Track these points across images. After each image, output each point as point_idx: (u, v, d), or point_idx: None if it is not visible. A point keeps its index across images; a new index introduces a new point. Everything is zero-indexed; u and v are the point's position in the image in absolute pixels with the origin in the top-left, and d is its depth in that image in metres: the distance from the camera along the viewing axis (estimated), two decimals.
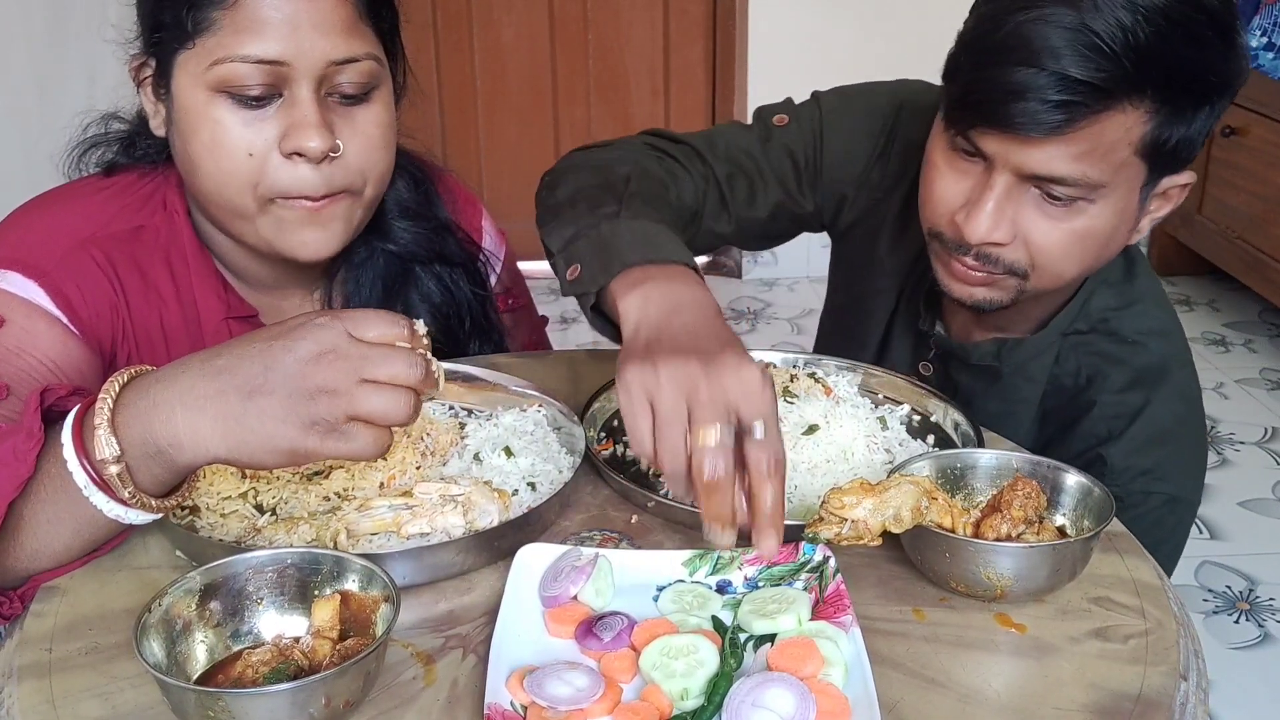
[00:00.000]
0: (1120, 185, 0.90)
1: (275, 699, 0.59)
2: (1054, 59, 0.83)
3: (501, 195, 1.14)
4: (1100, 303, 1.03)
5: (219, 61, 0.88)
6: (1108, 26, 0.82)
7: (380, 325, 0.70)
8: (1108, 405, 1.00)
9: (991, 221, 0.90)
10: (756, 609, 0.71)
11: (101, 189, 1.01)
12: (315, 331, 0.68)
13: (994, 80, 0.86)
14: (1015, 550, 0.72)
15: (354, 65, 0.91)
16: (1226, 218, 2.94)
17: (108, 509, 0.71)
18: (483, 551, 0.78)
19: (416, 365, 0.69)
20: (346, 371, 0.67)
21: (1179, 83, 0.85)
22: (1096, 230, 0.91)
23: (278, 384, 0.67)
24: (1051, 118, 0.84)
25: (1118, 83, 0.84)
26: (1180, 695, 0.67)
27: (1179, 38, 0.84)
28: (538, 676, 0.64)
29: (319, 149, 0.89)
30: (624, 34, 3.20)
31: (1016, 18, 0.85)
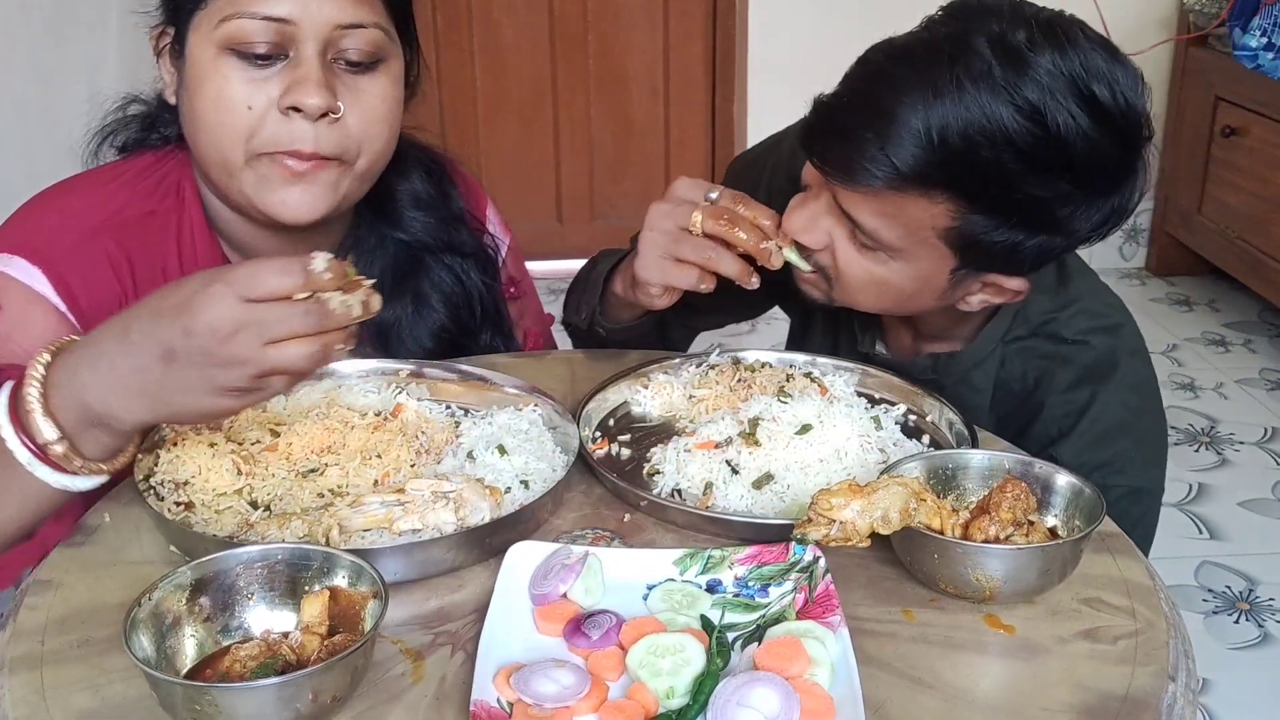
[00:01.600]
0: (921, 259, 0.92)
1: (262, 694, 0.60)
2: (883, 126, 0.85)
3: (501, 195, 1.14)
4: (1038, 307, 1.04)
5: (228, 18, 0.90)
6: (941, 120, 0.83)
7: (272, 280, 0.70)
8: (1056, 405, 1.01)
9: (804, 223, 0.95)
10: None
11: (115, 176, 1.02)
12: (211, 306, 0.70)
13: (834, 119, 0.90)
14: (1003, 552, 0.72)
15: (360, 31, 0.92)
16: (1226, 218, 2.93)
17: (54, 480, 0.76)
18: (474, 548, 0.78)
19: (311, 315, 0.71)
20: (249, 342, 0.70)
21: (998, 205, 0.86)
22: (893, 283, 0.95)
23: (188, 359, 0.71)
24: (860, 174, 0.87)
25: (922, 174, 0.85)
26: (1168, 696, 0.67)
27: (1012, 159, 0.83)
28: (524, 674, 0.65)
29: (317, 106, 0.90)
30: (624, 34, 3.20)
31: (880, 67, 0.88)
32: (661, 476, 0.90)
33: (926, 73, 0.84)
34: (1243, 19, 2.76)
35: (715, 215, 0.95)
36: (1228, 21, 2.81)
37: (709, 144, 3.32)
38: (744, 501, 0.86)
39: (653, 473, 0.91)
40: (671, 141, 3.32)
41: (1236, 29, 2.77)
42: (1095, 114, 0.83)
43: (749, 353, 1.07)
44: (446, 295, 1.10)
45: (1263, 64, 2.69)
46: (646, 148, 3.32)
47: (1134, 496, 0.98)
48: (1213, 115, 2.94)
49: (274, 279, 0.70)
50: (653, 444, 0.95)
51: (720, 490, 0.87)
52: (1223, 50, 2.87)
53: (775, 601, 0.74)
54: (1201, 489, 2.27)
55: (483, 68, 3.18)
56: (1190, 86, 3.04)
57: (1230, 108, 2.87)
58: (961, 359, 1.05)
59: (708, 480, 0.88)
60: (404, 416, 0.94)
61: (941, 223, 0.88)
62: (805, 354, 1.07)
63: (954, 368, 1.05)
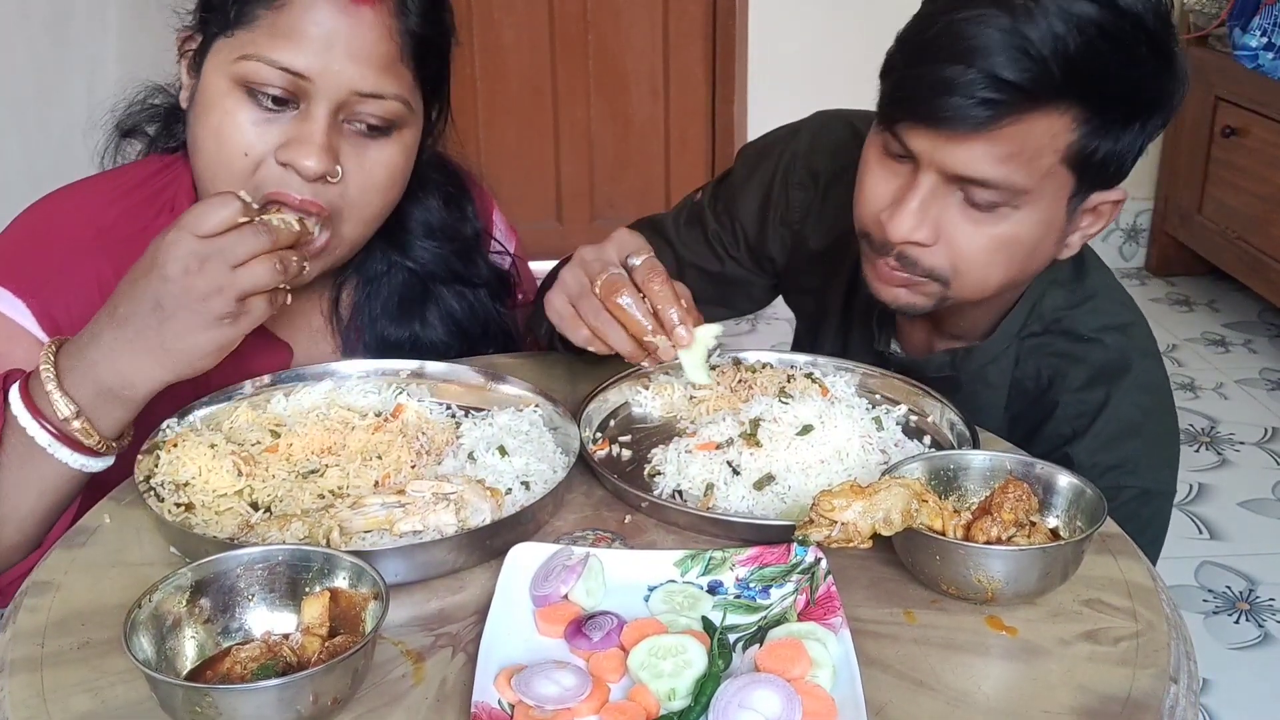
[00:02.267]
0: (1046, 194, 0.90)
1: (262, 695, 0.60)
2: (983, 57, 0.84)
3: (501, 195, 1.14)
4: (1052, 303, 1.03)
5: (246, 57, 0.89)
6: (1040, 32, 0.84)
7: (216, 214, 0.79)
8: (1069, 405, 1.00)
9: (914, 220, 0.91)
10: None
11: (111, 188, 1.01)
12: (172, 250, 0.78)
13: (924, 75, 0.87)
14: (1005, 553, 0.72)
15: (379, 102, 0.91)
16: (1226, 218, 2.94)
17: (73, 460, 0.82)
18: (475, 550, 0.78)
19: (261, 234, 0.80)
20: (218, 268, 0.78)
21: (1107, 95, 0.87)
22: (1020, 238, 0.92)
23: (174, 303, 0.78)
24: (977, 113, 0.85)
25: (1044, 86, 0.85)
26: (1170, 698, 0.67)
27: (1111, 51, 0.85)
28: (525, 675, 0.65)
29: (313, 169, 0.89)
30: (624, 34, 3.20)
31: (951, 16, 0.87)
32: (662, 477, 0.90)
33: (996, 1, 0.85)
34: (1243, 19, 2.76)
35: (611, 289, 0.88)
36: (1228, 21, 2.81)
37: (709, 144, 3.32)
38: (745, 503, 0.86)
39: (654, 474, 0.91)
40: (671, 141, 3.32)
41: (1236, 29, 2.77)
42: None
43: (749, 353, 1.07)
44: (457, 322, 1.10)
45: (1263, 64, 2.69)
46: (646, 148, 3.32)
47: (1144, 498, 0.98)
48: (1213, 115, 2.94)
49: (217, 211, 0.79)
50: (653, 445, 0.94)
51: (721, 491, 0.87)
52: (1223, 50, 2.87)
53: (777, 603, 0.74)
54: (1201, 489, 2.27)
55: (482, 68, 3.18)
56: (1190, 86, 3.04)
57: (1230, 108, 2.87)
58: (979, 354, 1.05)
59: (709, 481, 0.88)
60: (404, 417, 0.94)
61: (1063, 140, 0.87)
62: (806, 354, 1.07)
63: (971, 363, 1.05)
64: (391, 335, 1.07)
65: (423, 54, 0.94)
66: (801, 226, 1.17)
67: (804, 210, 1.17)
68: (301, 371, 0.99)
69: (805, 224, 1.17)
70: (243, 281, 0.79)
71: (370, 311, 1.07)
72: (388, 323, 1.07)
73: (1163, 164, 3.23)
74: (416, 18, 0.93)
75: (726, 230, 1.22)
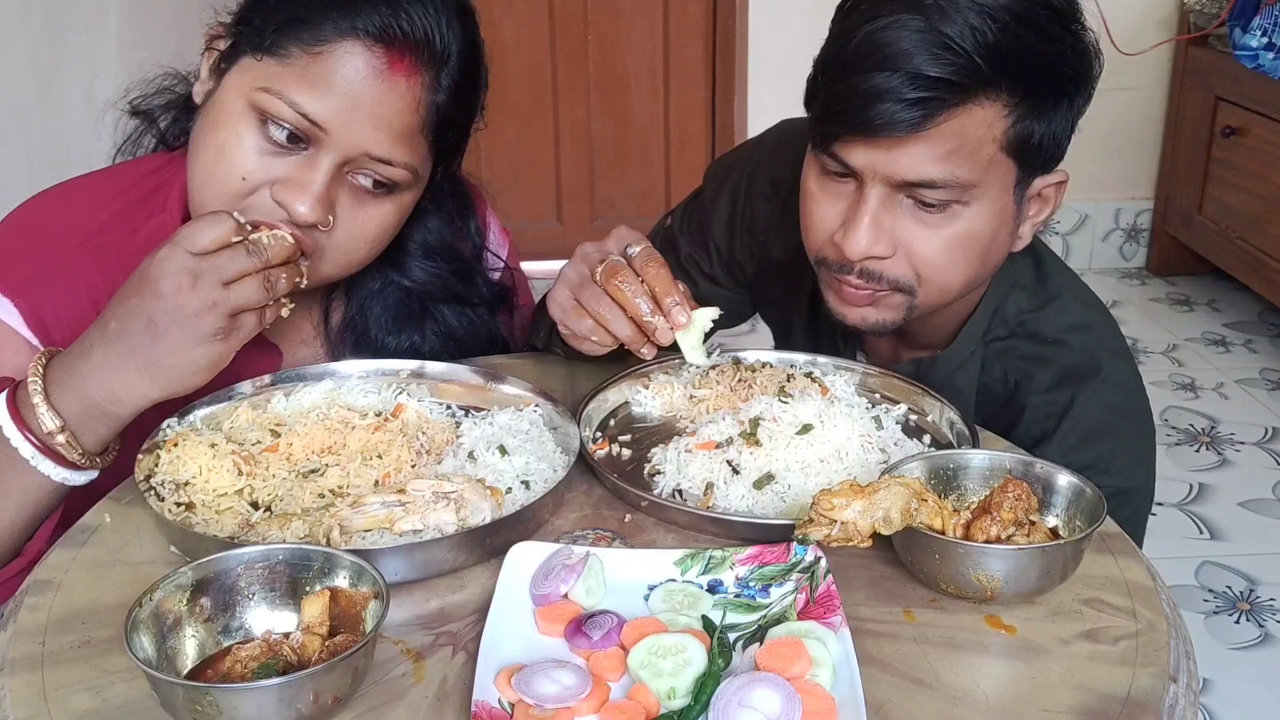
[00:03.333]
0: (992, 184, 0.91)
1: (263, 694, 0.60)
2: (906, 60, 0.86)
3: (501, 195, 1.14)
4: (1015, 306, 1.03)
5: (269, 90, 0.87)
6: (957, 27, 0.85)
7: (209, 232, 0.80)
8: (1037, 407, 1.00)
9: (870, 236, 0.92)
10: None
11: (100, 190, 1.00)
12: (165, 266, 0.79)
13: (851, 88, 0.88)
14: (1004, 552, 0.72)
15: (387, 167, 0.91)
16: (1226, 218, 2.94)
17: (55, 473, 0.82)
18: (475, 549, 0.78)
19: (254, 254, 0.81)
20: (209, 285, 0.79)
21: (1033, 75, 0.88)
22: (975, 233, 0.93)
23: (167, 319, 0.79)
24: (909, 115, 0.86)
25: (971, 77, 0.86)
26: (1169, 697, 0.67)
27: (1027, 32, 0.87)
28: (525, 674, 0.65)
29: (306, 218, 0.88)
30: (624, 34, 3.20)
31: (866, 28, 0.88)
32: (662, 477, 0.90)
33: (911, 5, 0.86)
34: (1243, 19, 2.76)
35: (611, 273, 0.90)
36: (1228, 21, 2.81)
37: (709, 144, 3.32)
38: (745, 502, 0.86)
39: (653, 473, 0.91)
40: (671, 141, 3.32)
41: (1236, 29, 2.77)
42: None
43: (749, 353, 1.07)
44: (458, 339, 1.09)
45: (1263, 64, 2.69)
46: (646, 148, 3.32)
47: (1121, 497, 0.98)
48: (1213, 115, 2.94)
49: (210, 230, 0.80)
50: (653, 444, 0.94)
51: (721, 490, 0.87)
52: (1223, 50, 2.87)
53: (776, 602, 0.74)
54: (1201, 489, 2.27)
55: None
56: (1190, 86, 3.04)
57: (1230, 108, 2.87)
58: (943, 362, 1.05)
59: (709, 480, 0.88)
60: (404, 417, 0.94)
61: (998, 128, 0.89)
62: (805, 354, 1.07)
63: (936, 372, 1.05)
64: (388, 345, 1.06)
65: (444, 130, 0.94)
66: (765, 237, 1.18)
67: (767, 220, 1.18)
68: (302, 371, 0.99)
69: (769, 234, 1.18)
70: (234, 298, 0.80)
71: (363, 325, 1.06)
72: (384, 335, 1.06)
73: (1163, 164, 3.23)
74: (446, 96, 0.92)
75: (699, 249, 1.23)
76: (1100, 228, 3.32)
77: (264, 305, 0.83)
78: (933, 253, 0.93)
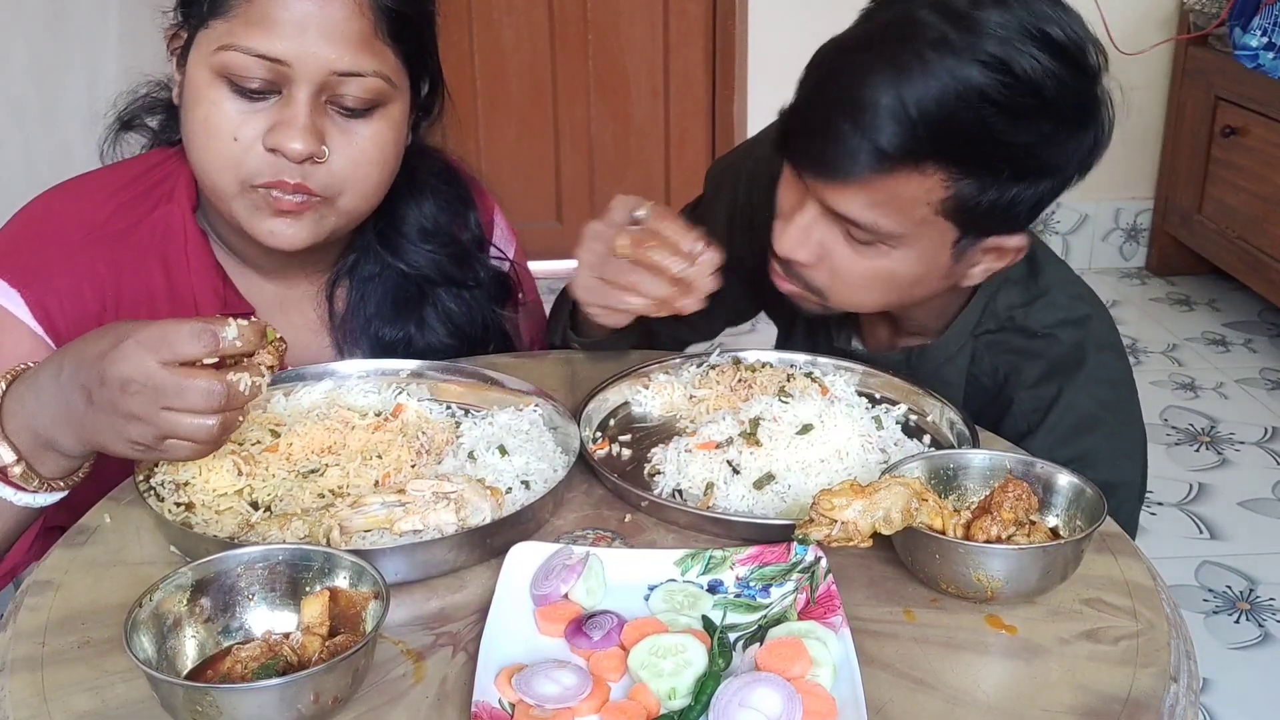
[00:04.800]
0: (922, 239, 0.92)
1: (263, 694, 0.60)
2: (860, 113, 0.86)
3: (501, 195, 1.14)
4: (1006, 300, 1.04)
5: (224, 48, 0.89)
6: (915, 92, 0.84)
7: (182, 345, 0.73)
8: (1024, 400, 1.01)
9: (797, 239, 0.94)
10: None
11: (105, 183, 1.01)
12: (122, 361, 0.73)
13: (809, 118, 0.90)
14: (1005, 552, 0.72)
15: (358, 80, 0.91)
16: (1226, 218, 2.94)
17: (16, 499, 0.81)
18: (475, 549, 0.78)
19: (214, 395, 0.73)
20: (149, 401, 0.73)
21: (985, 158, 0.87)
22: (896, 273, 0.94)
23: (101, 405, 0.75)
24: (845, 165, 0.87)
25: (907, 151, 0.86)
26: (1170, 697, 0.67)
27: (996, 117, 0.85)
28: (526, 675, 0.65)
29: (299, 151, 0.90)
30: (624, 34, 3.20)
31: (840, 62, 0.89)
32: (662, 477, 0.90)
33: (887, 55, 0.86)
34: (1243, 19, 2.76)
35: (634, 243, 0.90)
36: (1228, 21, 2.81)
37: (709, 144, 3.32)
38: (745, 502, 0.86)
39: (653, 473, 0.91)
40: (671, 141, 3.32)
41: (1236, 29, 2.77)
42: (1054, 52, 0.85)
43: (749, 352, 1.07)
44: (455, 324, 1.10)
45: (1263, 64, 2.69)
46: (646, 148, 3.32)
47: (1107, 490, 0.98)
48: (1213, 115, 2.94)
49: (184, 345, 0.73)
50: (653, 444, 0.95)
51: (721, 490, 0.87)
52: (1223, 50, 2.87)
53: (777, 602, 0.74)
54: (1201, 489, 2.27)
55: (482, 68, 3.18)
56: (1190, 86, 3.04)
57: (1230, 107, 2.87)
58: (933, 353, 1.06)
59: (709, 480, 0.88)
60: (404, 417, 0.94)
61: (936, 195, 0.88)
62: (805, 354, 1.07)
63: (926, 362, 1.06)
64: (387, 335, 1.07)
65: (400, 29, 0.94)
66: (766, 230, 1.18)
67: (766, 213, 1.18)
68: (301, 371, 0.99)
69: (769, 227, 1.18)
70: (166, 424, 0.74)
71: (365, 312, 1.07)
72: (382, 323, 1.07)
73: (1163, 164, 3.23)
74: None
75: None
76: (1100, 227, 3.32)
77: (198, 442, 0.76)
78: (850, 275, 0.95)
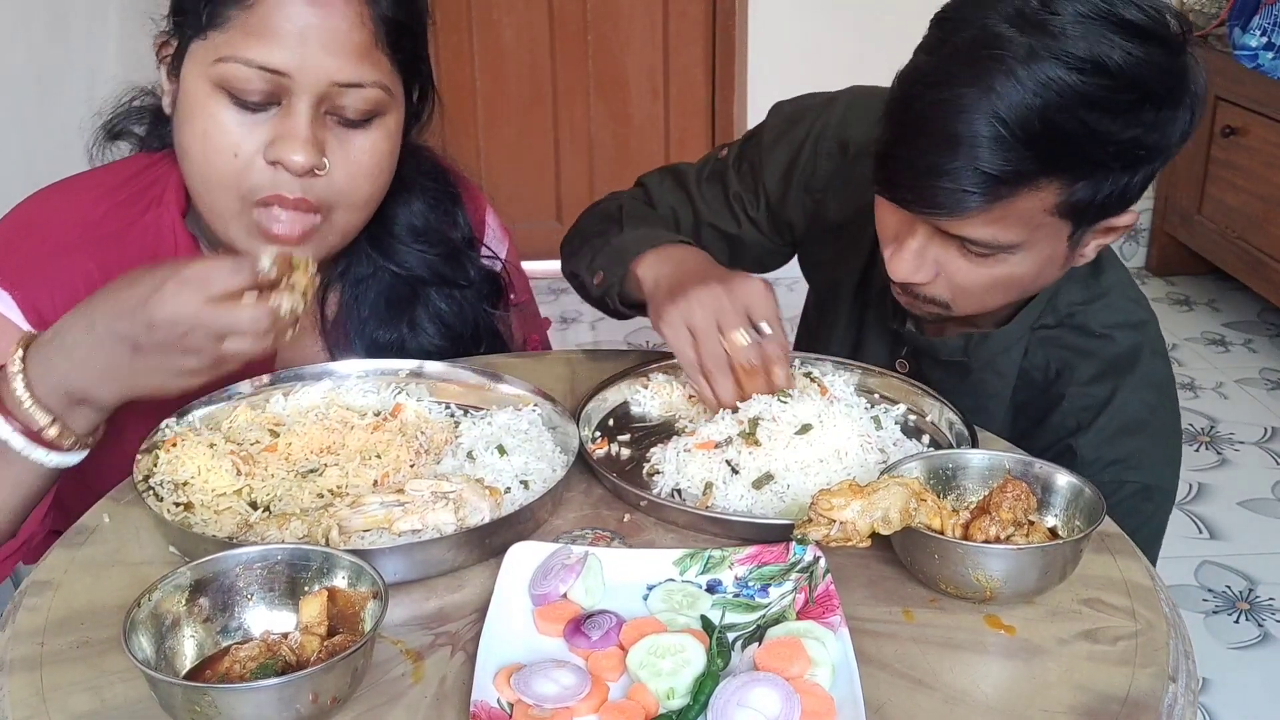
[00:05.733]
0: (1040, 240, 0.91)
1: (262, 694, 0.60)
2: (963, 147, 0.84)
3: (501, 195, 1.14)
4: (1067, 297, 1.04)
5: (223, 59, 0.88)
6: (1016, 113, 0.82)
7: (224, 280, 0.78)
8: (1076, 397, 1.01)
9: (912, 264, 0.94)
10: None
11: (99, 184, 1.00)
12: (173, 300, 0.77)
13: (908, 160, 0.88)
14: (1003, 552, 0.72)
15: (358, 91, 0.91)
16: (1226, 218, 2.94)
17: (48, 460, 0.83)
18: (474, 549, 0.78)
19: (259, 319, 0.79)
20: (204, 337, 0.79)
21: (1094, 159, 0.86)
22: (1018, 275, 0.94)
23: (152, 350, 0.79)
24: (959, 204, 0.86)
25: (1020, 173, 0.85)
26: (1169, 697, 0.67)
27: (1094, 117, 0.83)
28: (524, 674, 0.65)
29: (302, 164, 0.89)
30: (624, 34, 3.20)
31: (929, 96, 0.87)
32: (661, 476, 0.90)
33: (974, 78, 0.83)
34: (1242, 19, 2.76)
35: (744, 358, 0.91)
36: (1228, 21, 2.81)
37: (709, 144, 3.32)
38: (744, 501, 0.86)
39: (652, 473, 0.91)
40: (671, 141, 3.32)
41: (1236, 29, 2.77)
42: (1140, 35, 0.83)
43: None
44: (446, 324, 1.09)
45: (1262, 64, 2.69)
46: (646, 148, 3.32)
47: (1146, 494, 0.99)
48: (1213, 115, 2.94)
49: (226, 279, 0.78)
50: (652, 444, 0.94)
51: (720, 490, 0.87)
52: (1223, 50, 2.87)
53: (775, 602, 0.74)
54: (1201, 489, 2.27)
55: (482, 68, 3.18)
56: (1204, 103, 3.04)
57: (1230, 108, 2.87)
58: (992, 342, 1.05)
59: (708, 480, 0.88)
60: (403, 416, 0.94)
61: (1051, 201, 0.87)
62: (804, 354, 1.07)
63: (984, 351, 1.05)
64: (380, 338, 1.07)
65: (397, 38, 0.94)
66: (824, 196, 1.17)
67: (828, 180, 1.16)
68: (300, 371, 0.99)
69: (827, 194, 1.16)
70: (225, 351, 0.80)
71: (358, 314, 1.07)
72: (375, 325, 1.07)
73: None
74: (388, 2, 0.92)
75: (749, 190, 1.20)
76: None
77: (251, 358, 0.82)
78: (972, 284, 0.94)
